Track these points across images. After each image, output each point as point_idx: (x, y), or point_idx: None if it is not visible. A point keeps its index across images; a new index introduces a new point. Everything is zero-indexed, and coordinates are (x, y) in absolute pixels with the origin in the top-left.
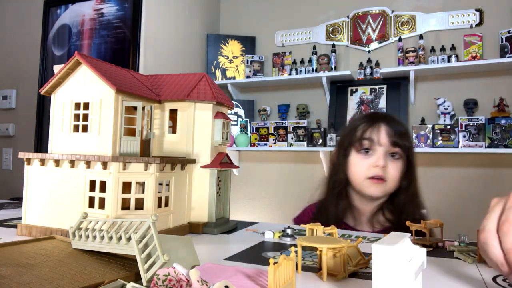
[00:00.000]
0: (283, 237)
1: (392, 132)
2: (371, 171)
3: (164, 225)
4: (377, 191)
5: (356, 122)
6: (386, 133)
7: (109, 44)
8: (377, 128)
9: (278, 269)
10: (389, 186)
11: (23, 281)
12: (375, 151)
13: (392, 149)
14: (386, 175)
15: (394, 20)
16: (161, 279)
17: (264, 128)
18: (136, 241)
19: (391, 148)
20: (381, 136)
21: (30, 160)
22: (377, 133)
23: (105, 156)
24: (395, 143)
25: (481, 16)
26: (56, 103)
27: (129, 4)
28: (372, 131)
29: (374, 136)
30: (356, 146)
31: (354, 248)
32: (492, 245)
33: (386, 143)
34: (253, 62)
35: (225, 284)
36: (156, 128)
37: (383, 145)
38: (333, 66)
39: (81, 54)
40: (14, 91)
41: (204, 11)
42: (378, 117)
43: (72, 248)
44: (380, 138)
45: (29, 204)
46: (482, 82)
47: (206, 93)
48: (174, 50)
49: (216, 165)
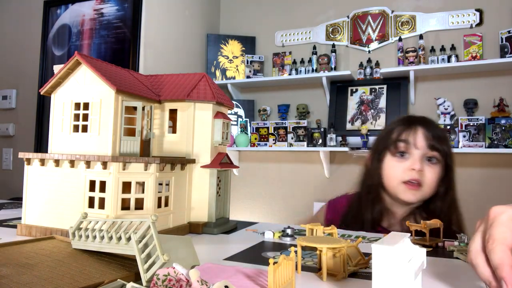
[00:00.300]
0: (283, 237)
1: (429, 135)
2: (407, 175)
3: (164, 225)
4: (413, 197)
5: (391, 125)
6: (423, 135)
7: (109, 44)
8: (413, 131)
9: (278, 269)
10: (425, 191)
11: (23, 281)
12: (411, 155)
13: (429, 153)
14: (422, 179)
15: (394, 20)
16: (161, 279)
17: (264, 128)
18: (136, 241)
19: (428, 151)
20: (418, 138)
21: (30, 160)
22: (413, 136)
23: (105, 156)
24: (432, 146)
25: (481, 16)
26: (56, 103)
27: (129, 4)
28: (408, 133)
29: (410, 139)
30: (391, 150)
31: (354, 248)
32: (478, 264)
33: (423, 146)
34: (253, 62)
35: (225, 284)
36: (156, 128)
37: (419, 148)
38: (333, 66)
39: (81, 54)
40: (14, 91)
41: (204, 11)
42: (415, 119)
43: (72, 248)
44: (416, 141)
45: (29, 204)
46: (482, 82)
47: (206, 93)
48: (174, 50)
49: (216, 165)
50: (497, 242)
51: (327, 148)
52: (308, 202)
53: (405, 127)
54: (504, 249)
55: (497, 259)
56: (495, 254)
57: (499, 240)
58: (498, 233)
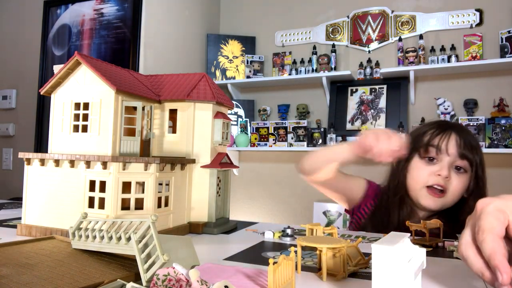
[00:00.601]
0: (283, 237)
1: (462, 143)
2: (432, 179)
3: (164, 225)
4: (433, 204)
5: (424, 128)
6: (456, 143)
7: (109, 44)
8: (447, 137)
9: (278, 269)
10: (447, 200)
11: (23, 281)
12: (441, 161)
13: (458, 161)
14: (447, 186)
15: (394, 20)
16: (160, 279)
17: (264, 128)
18: (136, 241)
19: (458, 160)
20: (450, 145)
21: (30, 160)
22: (446, 142)
23: (105, 156)
24: (463, 155)
25: (481, 16)
26: (56, 103)
27: (129, 4)
28: (441, 138)
29: (442, 144)
30: (420, 152)
31: (354, 248)
32: (469, 255)
33: (454, 154)
34: (253, 62)
35: (224, 284)
36: (156, 128)
37: (450, 155)
38: (333, 66)
39: (81, 54)
40: (14, 91)
41: (204, 11)
42: (449, 125)
43: (72, 248)
44: (448, 148)
45: (29, 204)
46: (482, 82)
47: (206, 93)
48: (174, 50)
49: (216, 165)
50: (486, 232)
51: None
52: (308, 202)
53: (439, 132)
54: (494, 238)
55: (489, 249)
56: (486, 244)
57: (488, 230)
58: (487, 223)
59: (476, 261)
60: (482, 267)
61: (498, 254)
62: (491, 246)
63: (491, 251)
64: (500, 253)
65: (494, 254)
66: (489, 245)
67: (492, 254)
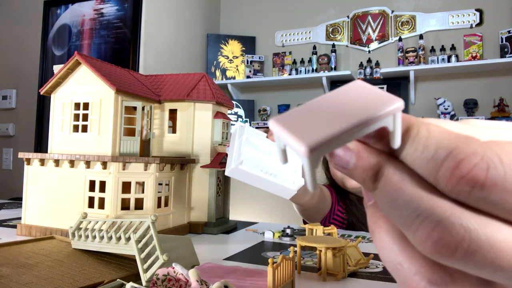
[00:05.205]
0: (283, 237)
1: None
2: None
3: (164, 225)
4: (356, 184)
5: None
6: None
7: (109, 44)
8: None
9: (277, 269)
10: None
11: (22, 281)
12: None
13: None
14: None
15: (394, 20)
16: (160, 279)
17: (264, 128)
18: (136, 241)
19: None
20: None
21: (30, 160)
22: None
23: (104, 156)
24: None
25: (481, 16)
26: (56, 103)
27: (129, 4)
28: None
29: None
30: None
31: (354, 248)
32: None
33: None
34: (253, 62)
35: (224, 284)
36: (156, 128)
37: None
38: (333, 66)
39: (81, 54)
40: (14, 91)
41: (204, 11)
42: None
43: (71, 248)
44: None
45: (29, 204)
46: (482, 82)
47: (206, 93)
48: (174, 50)
49: (215, 165)
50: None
51: None
52: None
53: None
54: None
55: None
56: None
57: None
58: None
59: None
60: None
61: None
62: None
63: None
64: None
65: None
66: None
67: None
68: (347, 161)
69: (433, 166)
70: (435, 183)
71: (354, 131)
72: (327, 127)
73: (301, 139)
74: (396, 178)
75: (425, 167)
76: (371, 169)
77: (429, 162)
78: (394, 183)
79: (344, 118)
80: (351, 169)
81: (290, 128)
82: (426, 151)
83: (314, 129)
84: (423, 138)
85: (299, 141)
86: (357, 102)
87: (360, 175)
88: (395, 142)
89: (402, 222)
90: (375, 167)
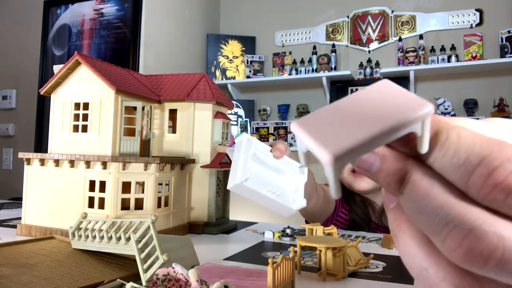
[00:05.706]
0: (283, 237)
1: None
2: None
3: (164, 225)
4: (365, 184)
5: None
6: None
7: (109, 44)
8: None
9: (277, 269)
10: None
11: (22, 281)
12: None
13: None
14: None
15: (394, 20)
16: (160, 279)
17: (264, 128)
18: (136, 241)
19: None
20: None
21: (30, 160)
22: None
23: (104, 156)
24: None
25: (481, 16)
26: (56, 103)
27: (129, 4)
28: None
29: None
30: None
31: (354, 248)
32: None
33: None
34: (253, 62)
35: (224, 284)
36: (156, 128)
37: None
38: (333, 66)
39: (81, 54)
40: (14, 91)
41: (204, 11)
42: None
43: (71, 248)
44: None
45: (29, 204)
46: (482, 82)
47: (206, 93)
48: (174, 50)
49: (215, 165)
50: None
51: None
52: None
53: None
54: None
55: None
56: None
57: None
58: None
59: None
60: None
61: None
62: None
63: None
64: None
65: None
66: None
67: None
68: (370, 164)
69: (464, 172)
70: (466, 190)
71: (381, 138)
72: (353, 133)
73: (325, 146)
74: (424, 183)
75: (455, 173)
76: (397, 173)
77: (460, 168)
78: (423, 189)
79: (371, 123)
80: (374, 172)
81: (313, 133)
82: (457, 156)
83: (339, 134)
84: (453, 143)
85: (323, 149)
86: (385, 106)
87: (384, 179)
88: (423, 147)
89: (430, 229)
90: (401, 171)
